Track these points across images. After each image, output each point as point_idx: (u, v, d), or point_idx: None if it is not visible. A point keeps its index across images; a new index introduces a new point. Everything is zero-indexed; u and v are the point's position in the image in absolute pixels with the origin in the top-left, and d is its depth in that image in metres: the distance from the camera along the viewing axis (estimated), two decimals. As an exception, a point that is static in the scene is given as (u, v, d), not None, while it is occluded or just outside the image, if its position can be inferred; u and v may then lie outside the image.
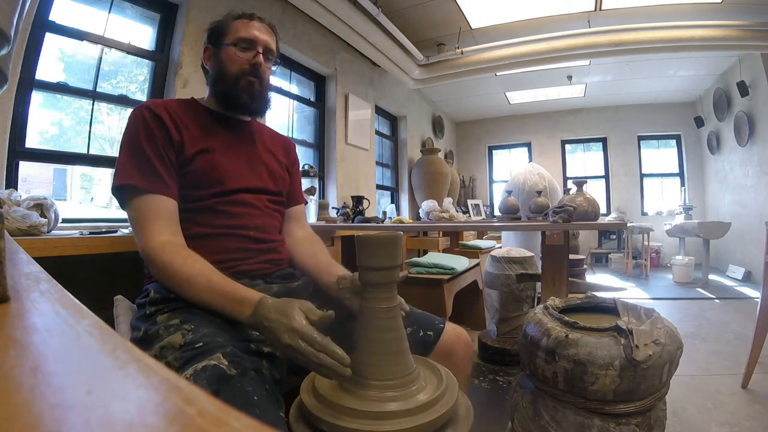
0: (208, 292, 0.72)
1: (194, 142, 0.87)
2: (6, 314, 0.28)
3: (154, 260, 0.76)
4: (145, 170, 0.80)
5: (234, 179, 0.91)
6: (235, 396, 0.58)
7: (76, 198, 2.57)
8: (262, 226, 0.94)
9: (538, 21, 3.69)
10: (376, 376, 0.60)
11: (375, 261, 0.62)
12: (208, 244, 0.85)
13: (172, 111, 0.88)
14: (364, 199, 2.69)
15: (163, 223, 0.79)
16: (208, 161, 0.88)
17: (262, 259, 0.91)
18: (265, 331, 0.65)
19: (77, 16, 1.92)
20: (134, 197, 0.80)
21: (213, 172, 0.88)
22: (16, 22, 0.33)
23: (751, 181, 4.40)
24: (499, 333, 2.17)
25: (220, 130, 0.95)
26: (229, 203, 0.89)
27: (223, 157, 0.91)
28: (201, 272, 0.73)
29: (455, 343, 0.90)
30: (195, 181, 0.86)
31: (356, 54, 3.84)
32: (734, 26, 3.33)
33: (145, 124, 0.84)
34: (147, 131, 0.83)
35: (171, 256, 0.75)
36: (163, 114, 0.86)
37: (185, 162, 0.86)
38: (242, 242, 0.89)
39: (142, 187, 0.79)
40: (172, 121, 0.86)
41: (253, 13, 0.98)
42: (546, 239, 1.58)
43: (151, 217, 0.79)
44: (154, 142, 0.83)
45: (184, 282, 0.73)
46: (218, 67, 0.96)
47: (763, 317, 1.70)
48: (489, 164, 7.10)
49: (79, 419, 0.15)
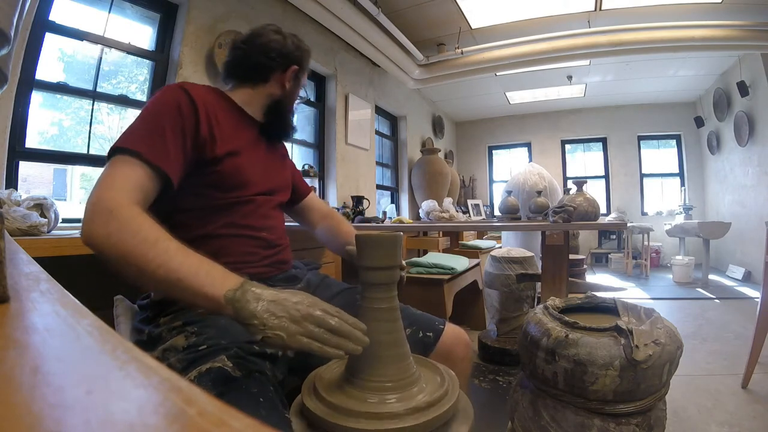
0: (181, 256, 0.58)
1: (224, 142, 0.83)
2: (6, 314, 0.28)
3: (113, 211, 0.60)
4: (154, 142, 0.71)
5: (255, 184, 0.89)
6: (241, 398, 0.57)
7: (76, 198, 2.56)
8: (272, 228, 0.93)
9: (538, 21, 3.69)
10: (376, 376, 0.60)
11: (375, 261, 0.62)
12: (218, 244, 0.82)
13: (208, 103, 0.83)
14: (364, 199, 2.69)
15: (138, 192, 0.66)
16: (236, 165, 0.85)
17: (267, 262, 0.90)
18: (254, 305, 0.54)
19: (77, 16, 1.92)
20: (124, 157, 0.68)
21: (238, 176, 0.85)
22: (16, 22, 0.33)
23: (751, 181, 4.40)
24: (499, 333, 2.17)
25: (247, 131, 0.92)
26: (246, 204, 0.87)
27: (248, 160, 0.88)
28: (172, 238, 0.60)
29: (455, 344, 0.90)
30: (219, 182, 0.83)
31: (356, 54, 3.84)
32: (734, 26, 3.33)
33: (177, 105, 0.77)
34: (176, 112, 0.76)
35: (138, 214, 0.61)
36: (200, 104, 0.80)
37: (212, 161, 0.81)
38: (253, 245, 0.88)
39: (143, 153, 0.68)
40: (206, 114, 0.80)
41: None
42: (546, 239, 1.58)
43: (128, 177, 0.66)
44: (178, 125, 0.75)
45: (148, 241, 0.58)
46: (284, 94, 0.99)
47: (763, 317, 1.70)
48: (489, 164, 7.10)
49: (79, 419, 0.15)
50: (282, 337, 0.52)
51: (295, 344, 0.53)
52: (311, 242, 1.17)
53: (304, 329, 0.53)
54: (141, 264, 0.56)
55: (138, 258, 0.57)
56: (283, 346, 0.54)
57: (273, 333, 0.52)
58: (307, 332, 0.53)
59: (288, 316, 0.53)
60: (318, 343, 0.53)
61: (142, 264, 0.56)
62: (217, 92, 0.92)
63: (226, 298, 0.54)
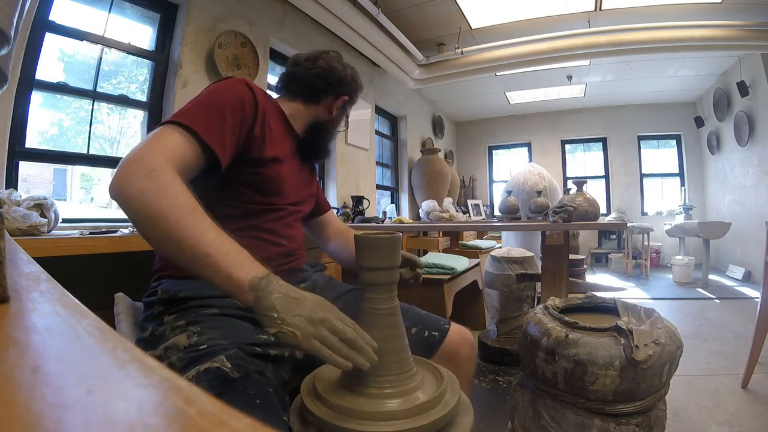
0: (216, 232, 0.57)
1: (272, 146, 0.86)
2: (6, 314, 0.28)
3: (155, 170, 0.58)
4: (216, 124, 0.71)
5: (288, 194, 0.92)
6: (238, 399, 0.57)
7: (76, 198, 2.57)
8: (294, 237, 0.95)
9: (538, 21, 3.69)
10: (376, 377, 0.60)
11: (375, 261, 0.62)
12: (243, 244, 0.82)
13: (266, 105, 0.86)
14: (364, 199, 2.69)
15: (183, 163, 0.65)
16: (278, 172, 0.88)
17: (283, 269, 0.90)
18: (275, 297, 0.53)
19: (77, 16, 1.92)
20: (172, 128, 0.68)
21: (279, 183, 0.88)
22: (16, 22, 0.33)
23: (751, 181, 4.40)
24: (499, 333, 2.17)
25: (289, 142, 0.96)
26: (276, 211, 0.90)
27: (287, 169, 0.91)
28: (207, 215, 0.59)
29: (460, 344, 0.90)
30: (259, 184, 0.85)
31: (356, 54, 3.84)
32: (734, 26, 3.33)
33: (240, 98, 0.78)
34: (239, 104, 0.78)
35: (179, 181, 0.60)
36: (261, 103, 0.82)
37: (257, 162, 0.83)
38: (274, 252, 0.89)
39: (198, 130, 0.68)
40: (263, 114, 0.83)
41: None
42: (546, 239, 1.58)
43: (180, 152, 0.66)
44: (238, 117, 0.76)
45: (186, 208, 0.57)
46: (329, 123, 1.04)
47: (763, 317, 1.70)
48: (489, 164, 7.10)
49: (79, 419, 0.15)
50: (296, 336, 0.52)
51: (308, 346, 0.53)
52: (310, 242, 1.17)
53: (319, 333, 0.53)
54: (171, 229, 0.55)
55: (170, 222, 0.55)
56: (295, 345, 0.53)
57: (288, 329, 0.52)
58: (322, 337, 0.53)
59: (306, 317, 0.53)
60: (329, 351, 0.53)
61: (174, 230, 0.55)
62: (273, 100, 0.97)
63: (251, 284, 0.54)
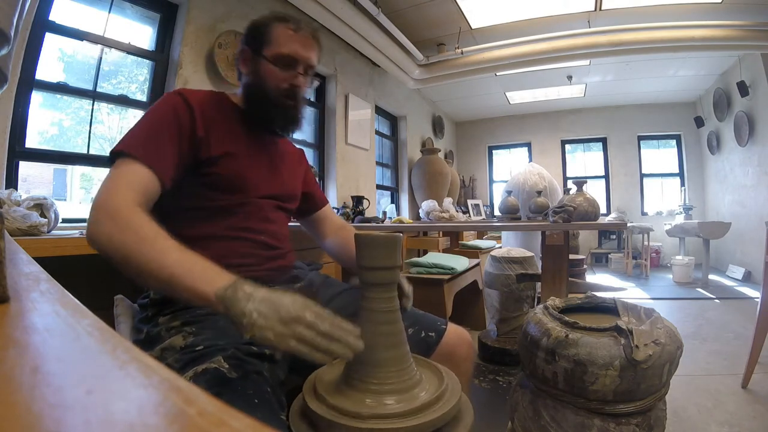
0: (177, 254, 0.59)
1: (220, 142, 0.84)
2: (6, 314, 0.28)
3: (116, 213, 0.62)
4: (149, 145, 0.74)
5: (254, 187, 0.89)
6: (236, 399, 0.58)
7: (76, 198, 2.57)
8: (273, 232, 0.93)
9: (538, 21, 3.69)
10: (376, 377, 0.60)
11: (375, 261, 0.62)
12: (219, 246, 0.82)
13: (204, 105, 0.84)
14: (364, 199, 2.69)
15: (139, 194, 0.69)
16: (233, 167, 0.85)
17: (270, 266, 0.90)
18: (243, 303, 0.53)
19: (77, 16, 1.92)
20: (123, 161, 0.72)
21: (237, 178, 0.86)
22: (16, 22, 0.33)
23: (751, 181, 4.40)
24: (499, 333, 2.17)
25: (247, 132, 0.92)
26: (244, 208, 0.87)
27: (247, 163, 0.88)
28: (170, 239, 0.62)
29: (457, 345, 0.90)
30: (216, 183, 0.84)
31: (356, 54, 3.84)
32: (734, 26, 3.33)
33: (174, 109, 0.80)
34: (172, 116, 0.79)
35: (139, 216, 0.63)
36: (196, 107, 0.82)
37: (208, 162, 0.82)
38: (253, 248, 0.88)
39: (138, 157, 0.71)
40: (202, 115, 0.82)
41: (300, 21, 0.89)
42: (546, 239, 1.58)
43: (130, 180, 0.69)
44: (174, 128, 0.78)
45: (147, 241, 0.60)
46: (254, 80, 0.89)
47: (763, 317, 1.70)
48: (489, 164, 7.10)
49: (79, 419, 0.15)
50: (269, 338, 0.52)
51: (284, 346, 0.52)
52: (311, 242, 1.16)
53: (293, 331, 0.52)
54: (140, 262, 0.58)
55: (138, 256, 0.59)
56: (272, 347, 0.53)
57: (261, 333, 0.52)
58: (296, 334, 0.52)
59: (277, 317, 0.52)
60: (307, 347, 0.52)
61: (142, 262, 0.58)
62: (218, 96, 0.93)
63: (217, 295, 0.54)
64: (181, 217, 0.82)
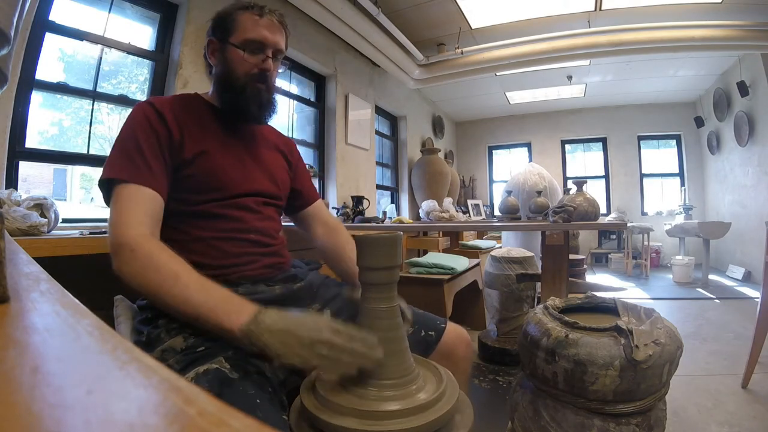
0: (201, 292, 0.63)
1: (193, 142, 0.83)
2: (6, 314, 0.28)
3: (135, 249, 0.66)
4: (137, 163, 0.75)
5: (233, 184, 0.86)
6: (238, 400, 0.58)
7: (76, 198, 2.57)
8: (262, 229, 0.90)
9: (538, 21, 3.69)
10: (376, 376, 0.60)
11: (375, 261, 0.62)
12: (210, 249, 0.82)
13: (175, 109, 0.84)
14: (364, 199, 2.68)
15: (146, 217, 0.72)
16: (208, 166, 0.83)
17: (264, 263, 0.88)
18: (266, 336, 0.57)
19: (77, 16, 1.92)
20: (119, 187, 0.73)
21: (212, 177, 0.84)
22: (16, 22, 0.33)
23: (751, 181, 4.40)
24: (499, 333, 2.17)
25: (221, 128, 0.90)
26: (228, 207, 0.85)
27: (222, 159, 0.86)
28: (191, 271, 0.66)
29: (456, 344, 0.89)
30: (194, 185, 0.82)
31: (356, 54, 3.84)
32: (734, 26, 3.33)
33: (147, 120, 0.79)
34: (147, 127, 0.79)
35: (157, 249, 0.67)
36: (167, 112, 0.81)
37: (183, 164, 0.81)
38: (243, 246, 0.86)
39: (130, 179, 0.73)
40: (174, 119, 0.82)
41: (263, 7, 0.88)
42: (546, 239, 1.58)
43: (133, 206, 0.71)
44: (153, 139, 0.78)
45: (170, 278, 0.64)
46: (223, 69, 0.89)
47: (763, 317, 1.70)
48: (489, 164, 7.10)
49: (79, 419, 0.15)
50: (295, 363, 0.57)
51: (309, 368, 0.59)
52: (311, 242, 1.15)
53: (315, 353, 0.56)
54: (167, 299, 0.63)
55: (164, 294, 0.64)
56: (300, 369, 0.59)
57: (286, 360, 0.56)
58: (319, 356, 0.56)
59: (298, 344, 0.57)
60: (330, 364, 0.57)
61: (168, 300, 0.63)
62: (189, 97, 0.92)
63: (240, 331, 0.58)
64: (170, 223, 0.80)
